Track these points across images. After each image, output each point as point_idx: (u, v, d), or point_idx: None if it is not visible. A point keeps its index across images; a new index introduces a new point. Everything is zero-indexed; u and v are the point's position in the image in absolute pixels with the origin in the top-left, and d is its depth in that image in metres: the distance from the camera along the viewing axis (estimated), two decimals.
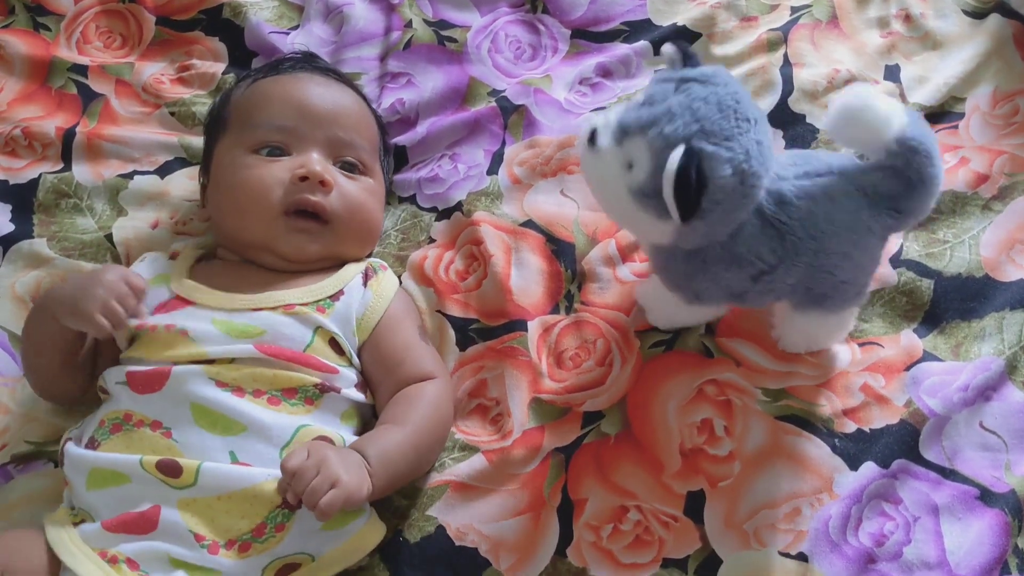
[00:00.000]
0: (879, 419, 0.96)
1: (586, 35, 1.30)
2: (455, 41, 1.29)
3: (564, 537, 0.93)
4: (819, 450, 0.95)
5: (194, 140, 1.22)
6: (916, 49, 1.24)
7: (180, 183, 1.19)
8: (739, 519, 0.92)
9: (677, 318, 1.00)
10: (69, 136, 1.21)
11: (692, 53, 0.85)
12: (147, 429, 0.89)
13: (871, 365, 0.99)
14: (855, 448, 0.94)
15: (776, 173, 0.87)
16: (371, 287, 1.02)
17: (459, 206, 1.13)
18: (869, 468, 0.93)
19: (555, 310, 1.06)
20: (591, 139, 0.83)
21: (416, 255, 1.11)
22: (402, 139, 1.20)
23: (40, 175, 1.19)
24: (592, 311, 1.05)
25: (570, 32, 1.30)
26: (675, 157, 0.76)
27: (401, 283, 1.08)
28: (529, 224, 1.11)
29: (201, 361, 0.92)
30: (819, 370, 0.99)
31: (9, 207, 1.17)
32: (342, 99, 1.10)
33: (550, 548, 0.93)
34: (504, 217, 1.12)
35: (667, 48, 0.86)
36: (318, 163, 1.01)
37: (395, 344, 0.99)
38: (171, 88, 1.28)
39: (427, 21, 1.31)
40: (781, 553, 0.90)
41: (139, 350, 0.95)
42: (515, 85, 1.24)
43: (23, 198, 1.17)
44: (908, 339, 1.01)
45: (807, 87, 1.18)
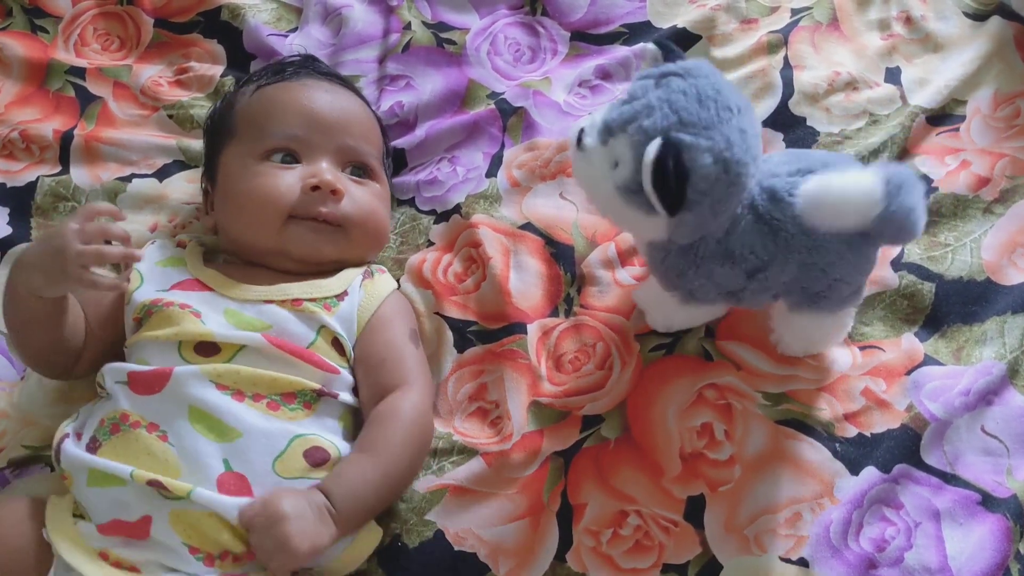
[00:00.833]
0: (880, 423, 0.96)
1: (585, 37, 1.29)
2: (454, 43, 1.28)
3: (563, 542, 0.93)
4: (820, 455, 0.94)
5: (192, 143, 1.21)
6: (917, 51, 1.23)
7: (178, 186, 1.19)
8: (739, 524, 0.92)
9: (675, 320, 1.00)
10: (67, 139, 1.21)
11: (673, 48, 0.84)
12: (143, 431, 0.88)
13: (872, 369, 0.99)
14: (856, 453, 0.94)
15: (770, 170, 0.87)
16: (365, 287, 1.02)
17: (458, 209, 1.13)
18: (870, 473, 0.93)
19: (554, 313, 1.06)
20: (579, 140, 0.84)
21: (415, 258, 1.11)
22: (401, 142, 1.20)
23: (38, 178, 1.19)
24: (591, 314, 1.05)
25: (569, 34, 1.30)
26: (652, 149, 0.76)
27: (400, 286, 1.08)
28: (528, 227, 1.11)
29: (206, 347, 0.93)
30: (819, 374, 0.99)
31: (7, 210, 1.17)
32: (350, 106, 1.10)
33: (549, 553, 0.92)
34: (503, 220, 1.12)
35: (647, 46, 0.86)
36: (328, 172, 1.02)
37: (378, 343, 0.98)
38: (169, 91, 1.27)
39: (426, 23, 1.31)
40: (782, 558, 0.89)
41: (149, 328, 0.95)
42: (514, 87, 1.23)
43: (21, 201, 1.17)
44: (909, 343, 1.01)
45: (808, 89, 1.18)
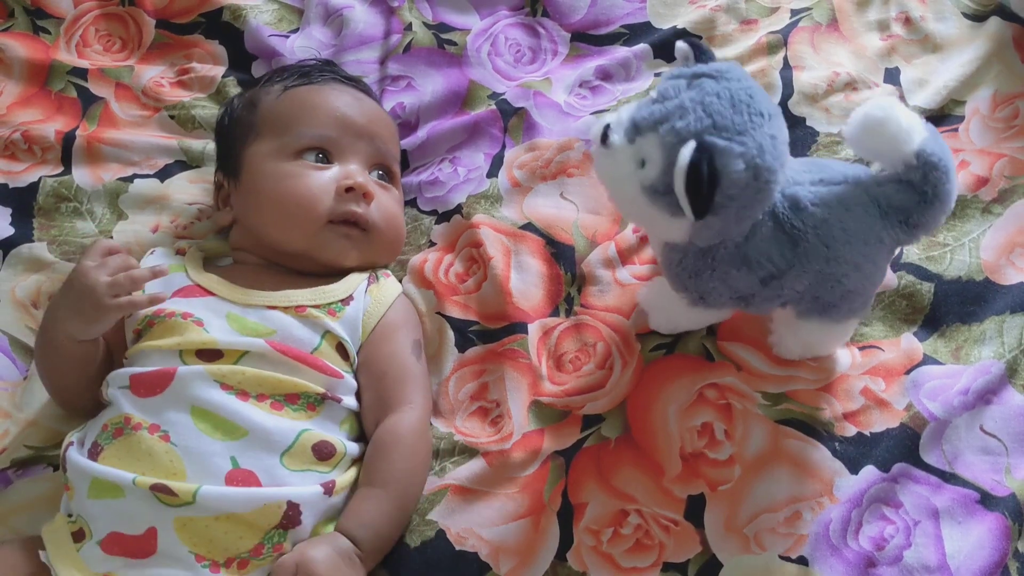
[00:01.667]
0: (879, 423, 0.96)
1: (586, 38, 1.30)
2: (455, 44, 1.29)
3: (564, 541, 0.93)
4: (819, 454, 0.95)
5: (194, 143, 1.22)
6: (916, 52, 1.24)
7: (180, 186, 1.19)
8: (739, 523, 0.92)
9: (679, 322, 1.00)
10: (69, 139, 1.21)
11: (705, 48, 0.84)
12: (145, 432, 0.88)
13: (871, 368, 0.99)
14: (855, 452, 0.94)
15: (792, 178, 0.86)
16: (371, 292, 1.02)
17: (459, 209, 1.13)
18: (869, 472, 0.93)
19: (555, 313, 1.06)
20: (603, 137, 0.83)
21: (416, 258, 1.11)
22: (403, 143, 1.20)
23: (40, 179, 1.19)
24: (592, 314, 1.05)
25: (570, 35, 1.30)
26: (686, 152, 0.75)
27: (402, 288, 1.08)
28: (529, 227, 1.11)
29: (209, 353, 0.93)
30: (819, 374, 0.99)
31: (9, 211, 1.17)
32: (378, 113, 1.14)
33: (550, 552, 0.93)
34: (504, 220, 1.12)
35: (680, 45, 0.85)
36: (360, 175, 1.04)
37: (382, 354, 0.99)
38: (171, 91, 1.28)
39: (427, 24, 1.31)
40: (781, 557, 0.90)
41: (151, 338, 0.95)
42: (515, 88, 1.24)
43: (23, 202, 1.17)
44: (908, 342, 1.01)
45: (807, 90, 1.18)
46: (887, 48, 1.24)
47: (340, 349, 0.98)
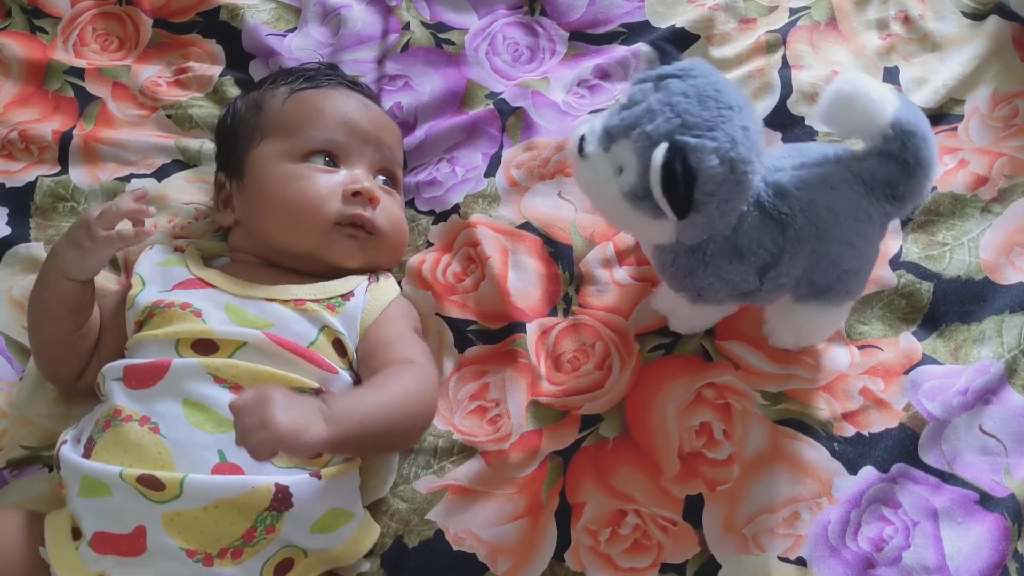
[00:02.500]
0: (878, 423, 0.96)
1: (584, 37, 1.29)
2: (453, 44, 1.29)
3: (562, 541, 0.93)
4: (818, 454, 0.94)
5: (191, 143, 1.22)
6: (915, 51, 1.23)
7: (177, 186, 1.18)
8: (738, 523, 0.92)
9: (696, 322, 1.00)
10: (66, 139, 1.21)
11: (669, 50, 0.84)
12: (135, 424, 0.88)
13: (870, 368, 0.99)
14: (854, 452, 0.94)
15: (773, 165, 0.87)
16: (371, 292, 1.02)
17: (456, 209, 1.13)
18: (868, 472, 0.93)
19: (553, 312, 1.06)
20: (580, 148, 0.83)
21: (414, 259, 1.11)
22: None
23: (37, 178, 1.18)
24: (590, 314, 1.05)
25: (568, 34, 1.30)
26: (659, 154, 0.76)
27: (401, 289, 1.08)
28: (526, 226, 1.11)
29: (205, 345, 0.93)
30: (818, 373, 0.99)
31: (6, 210, 1.16)
32: (383, 118, 1.14)
33: (548, 552, 0.92)
34: (501, 219, 1.12)
35: (643, 48, 0.85)
36: (366, 179, 1.05)
37: (385, 333, 0.99)
38: (168, 91, 1.27)
39: (425, 23, 1.31)
40: (780, 558, 0.89)
41: (150, 327, 0.96)
42: (513, 87, 1.23)
43: (20, 201, 1.17)
44: (907, 342, 1.01)
45: (806, 89, 1.18)
46: (886, 47, 1.24)
47: (337, 345, 0.98)
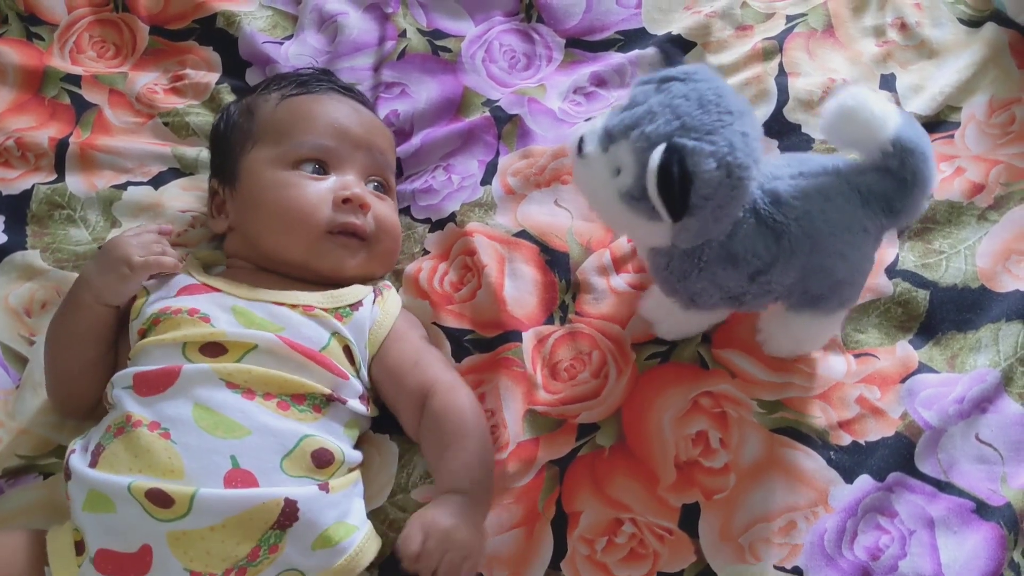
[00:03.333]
0: (874, 431, 0.96)
1: (580, 44, 1.29)
2: (449, 51, 1.28)
3: (558, 550, 0.93)
4: (814, 463, 0.94)
5: (188, 150, 1.21)
6: (912, 58, 1.23)
7: (174, 194, 1.18)
8: (734, 532, 0.92)
9: (683, 328, 1.00)
10: (62, 146, 1.21)
11: (673, 53, 0.84)
12: (144, 429, 0.87)
13: (866, 377, 0.99)
14: (850, 461, 0.94)
15: (771, 173, 0.86)
16: (379, 304, 1.02)
17: (452, 217, 1.13)
18: (864, 481, 0.93)
19: (549, 321, 1.05)
20: (579, 148, 0.83)
21: (410, 267, 1.11)
22: (397, 151, 1.19)
23: (33, 186, 1.18)
24: (587, 322, 1.05)
25: (564, 41, 1.30)
26: (656, 155, 0.76)
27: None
28: (523, 234, 1.11)
29: (213, 348, 0.93)
30: (814, 381, 0.99)
31: (2, 218, 1.16)
32: (375, 124, 1.14)
33: (544, 562, 0.92)
34: (498, 227, 1.12)
35: (648, 51, 0.85)
36: (357, 185, 1.05)
37: (405, 351, 1.00)
38: (164, 98, 1.27)
39: (421, 31, 1.31)
40: (776, 567, 0.89)
41: (157, 333, 0.95)
42: (509, 95, 1.23)
43: (16, 209, 1.17)
44: (904, 350, 1.01)
45: (802, 96, 1.18)
46: (883, 54, 1.24)
47: (347, 352, 0.98)
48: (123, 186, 1.19)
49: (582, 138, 0.83)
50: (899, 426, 0.96)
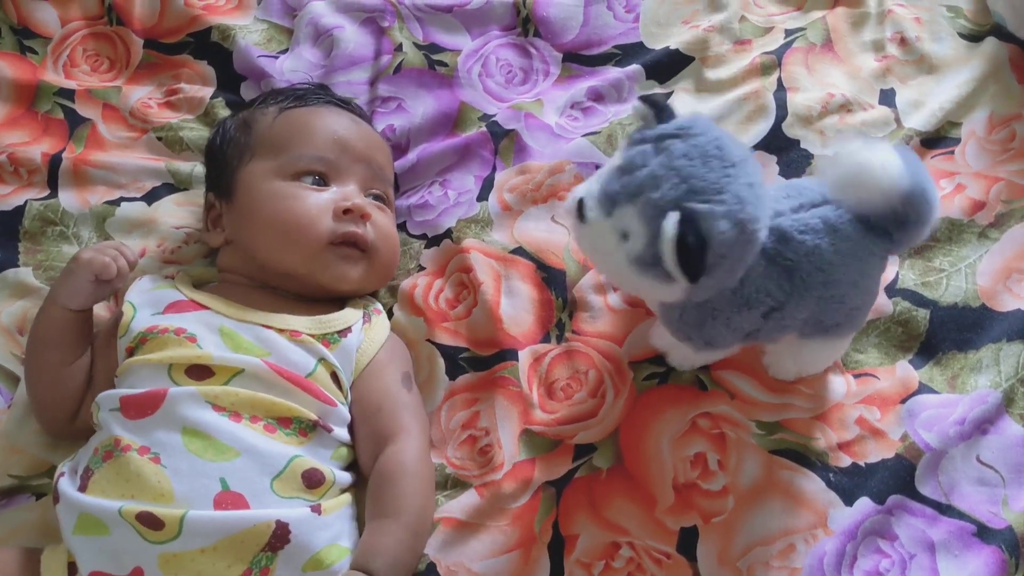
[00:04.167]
0: (874, 453, 0.95)
1: (578, 59, 1.29)
2: (446, 65, 1.28)
3: (555, 574, 0.92)
4: (814, 485, 0.93)
5: (182, 166, 1.21)
6: (911, 73, 1.23)
7: (167, 210, 1.17)
8: (733, 556, 0.91)
9: (696, 358, 0.99)
10: (55, 162, 1.20)
11: (664, 105, 0.82)
12: (134, 454, 0.87)
13: (866, 397, 0.98)
14: (850, 483, 0.93)
15: (772, 209, 0.85)
16: (365, 331, 1.02)
17: (448, 233, 1.12)
18: (864, 504, 0.92)
19: (546, 339, 1.05)
20: (579, 212, 0.81)
21: (406, 283, 1.10)
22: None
23: (26, 202, 1.17)
24: (584, 340, 1.04)
25: (562, 55, 1.29)
26: (670, 225, 0.74)
27: (392, 315, 1.08)
28: (519, 251, 1.10)
29: (200, 370, 0.92)
30: (814, 402, 0.98)
31: None
32: (374, 136, 1.14)
33: None
34: (494, 244, 1.11)
35: (637, 105, 0.83)
36: (357, 196, 1.04)
37: (374, 389, 0.98)
38: (159, 112, 1.26)
39: (417, 45, 1.30)
40: None
41: (143, 352, 0.95)
42: (506, 109, 1.22)
43: (8, 225, 1.16)
44: (904, 370, 1.00)
45: (801, 112, 1.17)
46: (882, 69, 1.23)
47: (335, 378, 0.97)
48: (116, 202, 1.18)
49: (581, 201, 0.81)
50: (899, 448, 0.95)
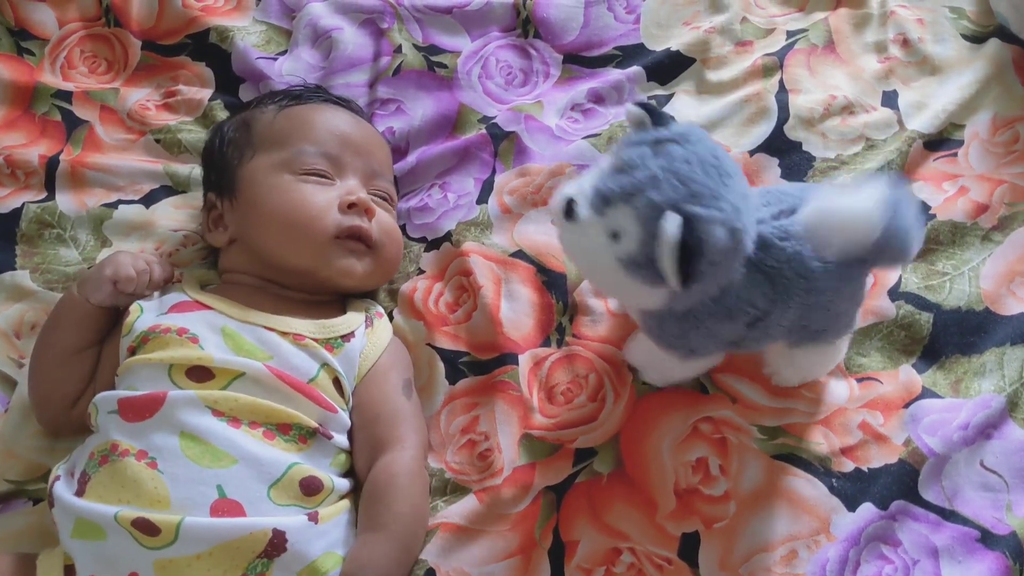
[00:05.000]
0: (877, 458, 0.94)
1: (578, 60, 1.28)
2: (445, 67, 1.27)
3: None
4: (816, 490, 0.93)
5: (180, 168, 1.20)
6: (914, 74, 1.22)
7: (165, 212, 1.17)
8: (734, 562, 0.90)
9: (673, 374, 0.98)
10: (53, 164, 1.19)
11: (660, 111, 0.81)
12: (132, 459, 0.87)
13: (869, 402, 0.97)
14: (853, 488, 0.93)
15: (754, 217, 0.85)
16: (368, 335, 1.01)
17: (448, 236, 1.12)
18: (867, 509, 0.91)
19: (546, 343, 1.04)
20: (567, 211, 0.80)
21: (406, 287, 1.10)
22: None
23: (23, 204, 1.17)
24: (584, 344, 1.03)
25: (562, 57, 1.29)
26: (671, 226, 0.73)
27: (392, 318, 1.07)
28: (519, 255, 1.09)
29: (200, 372, 0.92)
30: (816, 407, 0.97)
31: None
32: (374, 133, 1.15)
33: None
34: (494, 247, 1.10)
35: (632, 109, 0.82)
36: (361, 191, 1.05)
37: (374, 396, 0.98)
38: (157, 114, 1.26)
39: (417, 46, 1.29)
40: None
41: (145, 352, 0.95)
42: (505, 111, 1.22)
43: (5, 228, 1.15)
44: (907, 374, 0.99)
45: (803, 114, 1.16)
46: (885, 70, 1.22)
47: (336, 384, 0.97)
48: (114, 204, 1.18)
49: (570, 200, 0.80)
50: (902, 453, 0.94)
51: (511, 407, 1.00)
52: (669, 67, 1.25)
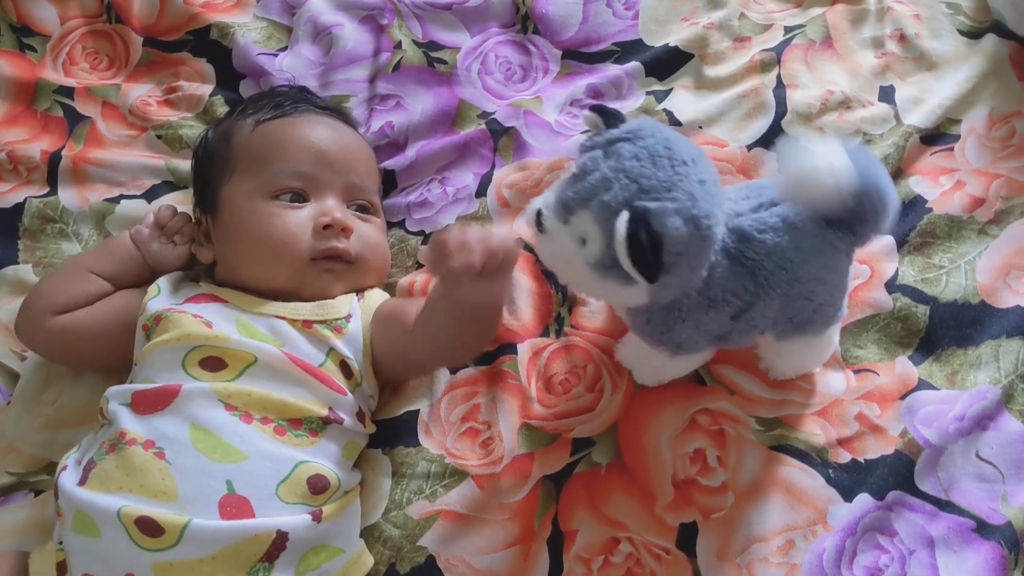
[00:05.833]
0: (874, 449, 0.95)
1: (577, 56, 1.29)
2: (445, 63, 1.28)
3: (554, 569, 0.92)
4: (813, 481, 0.93)
5: (181, 164, 1.21)
6: (911, 70, 1.23)
7: None
8: (732, 552, 0.91)
9: (664, 374, 0.99)
10: (55, 160, 1.20)
11: (613, 112, 0.82)
12: (139, 447, 0.86)
13: (866, 393, 0.98)
14: (849, 479, 0.93)
15: (732, 209, 0.85)
16: (361, 306, 1.02)
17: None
18: (864, 500, 0.92)
19: (545, 333, 1.05)
20: (538, 223, 0.81)
21: (404, 280, 1.10)
22: (391, 163, 1.19)
23: (25, 199, 1.18)
24: (582, 335, 1.04)
25: (561, 53, 1.29)
26: (621, 224, 0.74)
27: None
28: (518, 244, 1.09)
29: (214, 362, 0.92)
30: (813, 398, 0.98)
31: None
32: (354, 144, 1.12)
33: None
34: None
35: (587, 114, 0.83)
36: (337, 210, 1.03)
37: (390, 309, 1.02)
38: (158, 110, 1.26)
39: (417, 42, 1.30)
40: None
41: (159, 333, 0.95)
42: (505, 107, 1.22)
43: (8, 223, 1.16)
44: (903, 366, 1.00)
45: (801, 109, 1.17)
46: (882, 66, 1.23)
47: (344, 367, 0.97)
48: (116, 200, 1.18)
49: (539, 212, 0.81)
50: (899, 444, 0.95)
51: (510, 396, 1.00)
52: (667, 63, 1.26)
